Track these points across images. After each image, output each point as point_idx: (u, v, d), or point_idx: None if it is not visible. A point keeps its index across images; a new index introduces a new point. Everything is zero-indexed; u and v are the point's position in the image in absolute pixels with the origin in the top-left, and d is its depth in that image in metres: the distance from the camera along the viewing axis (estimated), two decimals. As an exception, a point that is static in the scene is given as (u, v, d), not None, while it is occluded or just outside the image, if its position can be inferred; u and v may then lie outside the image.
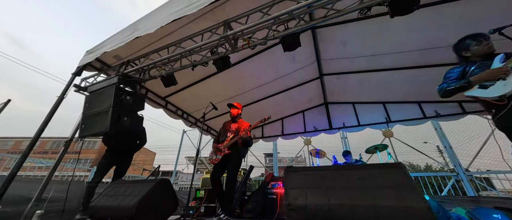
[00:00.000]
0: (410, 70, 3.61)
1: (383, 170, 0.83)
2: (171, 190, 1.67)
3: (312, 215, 0.73)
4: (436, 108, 4.36)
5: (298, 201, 0.79)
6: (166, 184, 1.61)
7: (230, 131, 3.07)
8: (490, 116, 4.46)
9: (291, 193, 0.83)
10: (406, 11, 1.68)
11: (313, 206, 0.75)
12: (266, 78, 4.21)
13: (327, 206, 0.74)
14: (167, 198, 1.60)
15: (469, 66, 1.67)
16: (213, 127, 5.88)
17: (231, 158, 2.79)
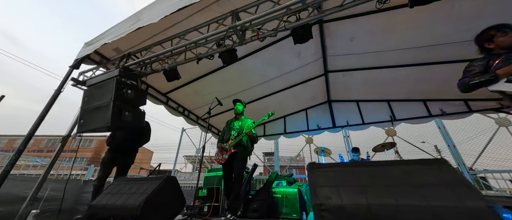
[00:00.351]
0: (416, 67, 3.54)
1: (425, 166, 0.74)
2: (178, 189, 1.56)
3: (349, 216, 0.64)
4: (441, 106, 4.31)
5: (331, 201, 0.70)
6: (173, 182, 1.50)
7: (234, 129, 2.98)
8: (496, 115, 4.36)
9: (321, 192, 0.74)
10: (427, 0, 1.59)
11: (350, 206, 0.66)
12: (270, 75, 4.12)
13: (367, 206, 0.65)
14: (174, 197, 1.50)
15: (493, 59, 1.58)
16: (215, 125, 5.77)
17: (237, 156, 2.73)
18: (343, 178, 0.78)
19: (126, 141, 2.70)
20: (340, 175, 0.81)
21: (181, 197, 1.59)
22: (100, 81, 2.32)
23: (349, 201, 0.68)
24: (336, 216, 0.66)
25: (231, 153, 2.77)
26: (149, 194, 1.29)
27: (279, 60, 3.77)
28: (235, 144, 2.80)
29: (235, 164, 2.67)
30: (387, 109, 4.77)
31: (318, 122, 5.40)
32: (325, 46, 3.50)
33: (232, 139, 2.87)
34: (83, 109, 2.30)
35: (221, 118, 5.29)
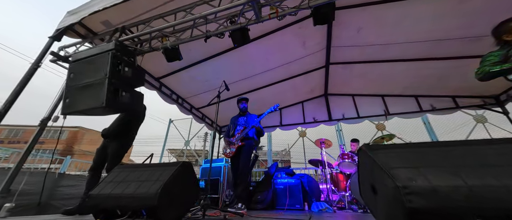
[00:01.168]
0: (415, 62, 3.65)
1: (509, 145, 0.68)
2: (193, 176, 1.37)
3: (445, 199, 0.55)
4: (431, 102, 4.54)
5: (417, 182, 0.60)
6: (188, 169, 1.31)
7: (240, 124, 2.97)
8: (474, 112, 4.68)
9: (399, 173, 0.64)
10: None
11: (445, 188, 0.57)
12: (273, 63, 3.97)
13: (466, 188, 0.56)
14: (190, 185, 1.31)
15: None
16: (208, 115, 5.51)
17: (243, 149, 2.76)
18: (424, 159, 0.68)
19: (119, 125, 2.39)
20: (417, 155, 0.72)
21: (196, 186, 1.41)
22: (91, 55, 1.99)
23: (441, 183, 0.58)
24: (429, 200, 0.56)
25: (239, 146, 2.73)
26: (165, 181, 1.10)
27: (283, 48, 3.63)
28: (241, 138, 2.76)
29: (241, 157, 2.63)
30: (381, 104, 4.91)
31: (314, 115, 5.42)
32: (332, 35, 3.43)
33: (239, 133, 2.83)
34: (69, 87, 1.96)
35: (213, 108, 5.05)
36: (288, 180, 3.36)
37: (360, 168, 0.98)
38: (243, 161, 2.63)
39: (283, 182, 3.36)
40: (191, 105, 4.80)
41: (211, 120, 5.71)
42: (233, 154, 2.74)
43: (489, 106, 4.15)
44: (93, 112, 1.97)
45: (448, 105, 4.42)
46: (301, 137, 7.08)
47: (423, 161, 0.69)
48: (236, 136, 2.84)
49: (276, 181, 3.42)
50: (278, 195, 3.25)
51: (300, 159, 7.21)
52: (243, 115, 3.15)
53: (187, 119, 9.38)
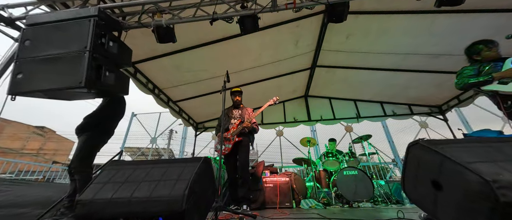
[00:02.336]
0: (389, 72, 4.13)
1: None
2: (213, 175, 1.15)
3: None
4: (393, 108, 5.24)
5: (505, 176, 0.62)
6: (209, 166, 1.08)
7: (234, 117, 2.78)
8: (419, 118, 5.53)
9: (480, 168, 0.65)
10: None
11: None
12: (264, 60, 3.89)
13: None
14: (210, 185, 1.09)
15: (483, 65, 1.93)
16: (186, 110, 5.04)
17: (241, 144, 2.56)
18: (493, 153, 0.72)
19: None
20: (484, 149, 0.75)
21: (214, 186, 1.19)
22: (61, 20, 1.52)
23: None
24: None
25: (235, 142, 2.52)
26: (190, 179, 0.87)
27: (277, 45, 3.60)
28: (238, 131, 2.56)
29: (240, 153, 2.45)
30: (354, 108, 5.42)
31: (294, 115, 5.58)
32: (323, 38, 3.57)
33: (234, 127, 2.61)
34: (22, 58, 1.44)
35: (193, 103, 4.68)
36: (279, 178, 3.33)
37: (408, 164, 0.99)
38: (243, 158, 2.44)
39: (272, 180, 3.31)
40: (168, 97, 4.29)
41: (188, 116, 5.26)
42: (229, 151, 2.51)
43: (434, 114, 5.03)
44: (59, 95, 1.51)
45: (405, 112, 5.18)
46: (278, 136, 7.22)
47: (498, 156, 0.72)
48: (231, 131, 2.62)
49: (265, 180, 3.35)
50: (268, 194, 3.18)
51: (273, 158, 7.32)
52: (237, 108, 2.94)
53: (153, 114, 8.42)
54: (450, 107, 4.74)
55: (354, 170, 3.25)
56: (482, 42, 2.05)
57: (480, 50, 2.02)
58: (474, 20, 2.70)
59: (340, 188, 3.16)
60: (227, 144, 2.53)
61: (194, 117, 5.43)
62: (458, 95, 4.41)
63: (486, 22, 2.76)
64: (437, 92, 4.50)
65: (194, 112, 5.20)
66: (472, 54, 2.09)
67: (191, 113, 5.25)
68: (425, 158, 0.86)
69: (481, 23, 2.77)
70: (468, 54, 2.14)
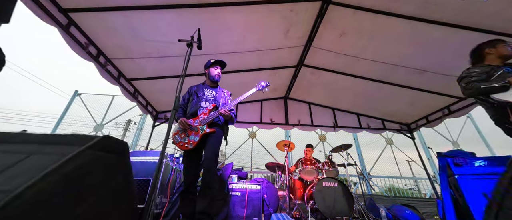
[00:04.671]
0: (373, 82, 4.02)
1: None
2: (127, 177, 0.50)
3: None
4: (368, 121, 5.24)
5: None
6: (115, 156, 0.45)
7: (207, 99, 2.06)
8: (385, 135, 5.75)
9: None
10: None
11: None
12: (247, 45, 3.34)
13: None
14: (117, 197, 0.45)
15: (494, 69, 1.73)
16: (144, 93, 4.10)
17: (212, 138, 1.86)
18: None
19: None
20: None
21: (132, 201, 0.53)
22: None
23: None
24: None
25: (205, 134, 1.85)
26: (39, 178, 0.26)
27: (265, 29, 3.09)
28: (210, 120, 1.89)
29: (207, 149, 1.80)
30: (332, 116, 5.25)
31: (272, 116, 5.13)
32: (316, 32, 3.22)
33: (205, 113, 1.94)
34: None
35: (154, 86, 3.81)
36: (247, 186, 2.74)
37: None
38: (211, 156, 1.75)
39: (240, 188, 2.71)
40: (120, 71, 3.34)
41: (146, 101, 4.30)
42: (195, 146, 1.80)
43: (403, 131, 5.19)
44: None
45: (378, 126, 5.23)
46: (251, 138, 6.68)
47: None
48: (199, 117, 1.95)
49: (232, 187, 2.73)
50: (233, 205, 2.56)
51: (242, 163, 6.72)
52: (212, 86, 2.24)
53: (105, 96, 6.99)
54: (418, 126, 4.92)
55: (334, 181, 2.89)
56: (496, 39, 1.87)
57: (496, 44, 1.82)
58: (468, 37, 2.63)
59: (317, 201, 2.74)
60: (193, 136, 1.84)
61: (154, 103, 4.49)
62: (427, 115, 4.58)
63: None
64: (410, 110, 4.61)
65: (154, 97, 4.27)
66: (485, 48, 1.87)
67: (150, 98, 4.30)
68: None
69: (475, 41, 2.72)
70: (477, 50, 1.92)
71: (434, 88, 3.78)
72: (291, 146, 3.50)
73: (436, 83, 3.63)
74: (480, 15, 2.41)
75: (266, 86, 2.30)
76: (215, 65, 2.25)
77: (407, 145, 6.24)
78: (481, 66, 1.83)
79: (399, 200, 5.48)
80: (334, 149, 3.57)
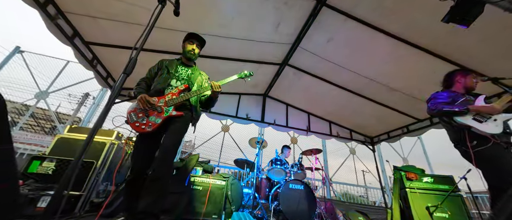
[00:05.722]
0: (349, 93, 4.17)
1: None
2: None
3: None
4: (338, 130, 5.48)
5: None
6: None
7: (179, 78, 1.79)
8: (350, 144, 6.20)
9: None
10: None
11: None
12: (234, 31, 3.10)
13: None
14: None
15: (457, 95, 1.87)
16: (105, 62, 3.52)
17: (177, 124, 1.59)
18: None
19: None
20: None
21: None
22: None
23: None
24: None
25: (170, 116, 1.58)
26: None
27: (256, 16, 2.89)
28: (179, 102, 1.62)
29: (169, 136, 1.52)
30: (306, 120, 5.35)
31: (248, 112, 4.98)
32: (305, 33, 3.15)
33: (174, 92, 1.66)
34: None
35: (120, 56, 3.30)
36: (212, 180, 2.54)
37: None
38: (171, 144, 1.47)
39: (203, 182, 2.49)
40: (75, 30, 2.77)
41: (107, 72, 3.72)
42: (155, 129, 1.52)
43: (366, 143, 5.57)
44: None
45: (346, 136, 5.51)
46: (223, 132, 6.43)
47: None
48: (166, 97, 1.66)
49: (193, 181, 2.49)
50: (192, 200, 2.33)
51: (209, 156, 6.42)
52: (188, 65, 1.95)
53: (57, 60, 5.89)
54: (380, 140, 5.33)
55: (300, 184, 2.87)
56: (468, 69, 2.02)
57: (467, 74, 1.97)
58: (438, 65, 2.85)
59: (282, 202, 2.69)
60: (154, 117, 1.55)
61: (117, 76, 3.90)
62: (389, 131, 4.98)
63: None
64: (376, 124, 4.96)
65: (118, 69, 3.71)
66: (457, 76, 2.01)
67: (112, 70, 3.72)
68: None
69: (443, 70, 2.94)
70: (450, 77, 2.05)
71: (400, 107, 4.09)
72: (264, 144, 3.40)
73: (402, 103, 3.93)
74: (450, 46, 2.62)
75: (247, 76, 2.12)
76: (190, 39, 1.92)
77: (367, 157, 6.79)
78: (449, 91, 1.96)
79: (353, 206, 5.90)
80: (305, 152, 3.59)
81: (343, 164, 7.36)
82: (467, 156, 1.74)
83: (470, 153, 1.67)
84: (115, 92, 0.88)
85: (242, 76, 2.09)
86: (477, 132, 1.65)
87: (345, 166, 7.53)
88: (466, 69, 2.06)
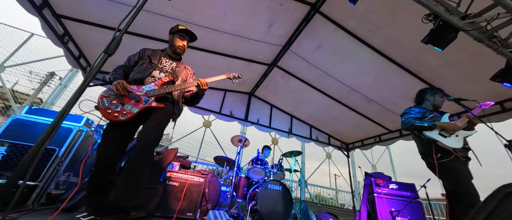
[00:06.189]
0: (331, 100, 4.35)
1: None
2: None
3: None
4: (317, 134, 5.69)
5: None
6: None
7: (164, 70, 1.70)
8: (327, 149, 6.49)
9: None
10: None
11: None
12: (226, 25, 3.02)
13: None
14: None
15: (428, 112, 2.06)
16: (79, 41, 3.18)
17: (158, 115, 1.48)
18: None
19: None
20: None
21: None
22: None
23: None
24: None
25: (149, 107, 1.46)
26: None
27: (250, 14, 2.86)
28: (161, 94, 1.54)
29: (150, 127, 1.40)
30: (288, 123, 5.45)
31: (232, 109, 4.91)
32: (297, 37, 3.20)
33: (157, 84, 1.55)
34: None
35: (96, 35, 3.02)
36: (189, 176, 2.44)
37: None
38: (152, 134, 1.36)
39: (180, 178, 2.38)
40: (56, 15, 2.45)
41: (80, 52, 3.36)
42: (129, 119, 1.38)
43: (342, 149, 5.87)
44: None
45: (324, 141, 5.74)
46: (205, 127, 6.25)
47: None
48: (147, 87, 1.53)
49: (170, 176, 2.37)
50: (167, 196, 2.22)
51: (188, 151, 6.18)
52: (174, 58, 1.83)
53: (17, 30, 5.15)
54: (354, 147, 5.66)
55: (279, 185, 2.91)
56: (438, 89, 2.23)
57: (435, 93, 2.17)
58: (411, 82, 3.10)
59: (259, 202, 2.69)
60: (130, 105, 1.41)
61: (92, 57, 3.55)
62: (363, 139, 5.31)
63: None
64: (352, 132, 5.24)
65: (93, 50, 3.37)
66: (427, 95, 2.20)
67: (86, 49, 3.37)
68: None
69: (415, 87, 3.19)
70: (422, 95, 2.25)
71: (375, 118, 4.38)
72: (246, 143, 3.38)
73: (378, 114, 4.22)
74: (425, 66, 2.87)
75: (237, 78, 2.08)
76: (182, 34, 1.81)
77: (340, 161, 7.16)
78: (420, 107, 2.14)
79: (324, 207, 6.17)
80: (285, 154, 3.65)
81: (319, 167, 7.67)
82: (431, 167, 1.92)
83: (434, 164, 1.84)
84: (92, 72, 0.78)
85: (230, 77, 2.04)
86: (442, 146, 1.83)
87: (319, 169, 7.86)
88: (435, 88, 2.28)
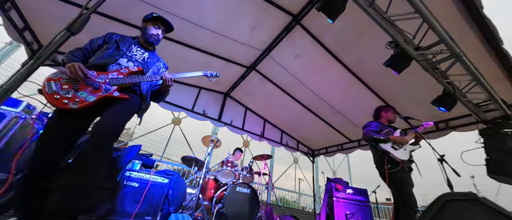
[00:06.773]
0: (303, 107, 4.59)
1: None
2: None
3: None
4: (287, 139, 5.92)
5: None
6: None
7: (132, 58, 1.54)
8: (294, 154, 6.81)
9: None
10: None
11: None
12: (207, 21, 2.93)
13: None
14: None
15: (384, 126, 2.35)
16: (21, 5, 2.67)
17: (120, 107, 1.29)
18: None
19: None
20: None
21: None
22: None
23: None
24: None
25: (109, 97, 1.28)
26: None
27: (234, 14, 2.83)
28: (126, 84, 1.38)
29: (109, 119, 1.21)
30: (261, 126, 5.54)
31: (206, 108, 4.74)
32: (277, 44, 3.29)
33: (122, 73, 1.37)
34: None
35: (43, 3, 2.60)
36: (152, 176, 2.25)
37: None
38: (110, 127, 1.16)
39: (141, 178, 2.18)
40: None
41: (26, 24, 2.82)
42: (82, 108, 1.17)
43: (309, 155, 6.22)
44: None
45: (293, 146, 6.00)
46: (174, 124, 5.88)
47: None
48: (111, 75, 1.34)
49: (129, 175, 2.15)
50: (124, 198, 2.00)
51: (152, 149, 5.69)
52: (146, 48, 1.65)
53: None
54: (319, 153, 6.06)
55: (247, 188, 2.91)
56: (391, 107, 2.55)
57: (389, 110, 2.48)
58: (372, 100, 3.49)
59: (226, 205, 2.64)
60: (86, 93, 1.21)
61: (41, 33, 3.00)
62: (328, 147, 5.73)
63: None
64: (319, 139, 5.61)
65: (44, 23, 2.86)
66: (382, 111, 2.51)
67: (35, 22, 2.84)
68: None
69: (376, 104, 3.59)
70: (378, 111, 2.55)
71: (340, 128, 4.78)
72: (218, 144, 3.29)
73: (342, 125, 4.61)
74: (383, 86, 3.28)
75: (214, 76, 2.01)
76: (156, 22, 1.65)
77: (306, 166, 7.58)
78: (378, 122, 2.43)
79: (287, 210, 6.40)
80: (256, 157, 3.68)
81: (286, 172, 7.97)
82: (383, 176, 2.18)
83: (385, 174, 2.09)
84: (49, 49, 0.65)
85: (207, 75, 1.96)
86: (393, 157, 2.10)
87: (286, 173, 8.17)
88: (388, 105, 2.65)
